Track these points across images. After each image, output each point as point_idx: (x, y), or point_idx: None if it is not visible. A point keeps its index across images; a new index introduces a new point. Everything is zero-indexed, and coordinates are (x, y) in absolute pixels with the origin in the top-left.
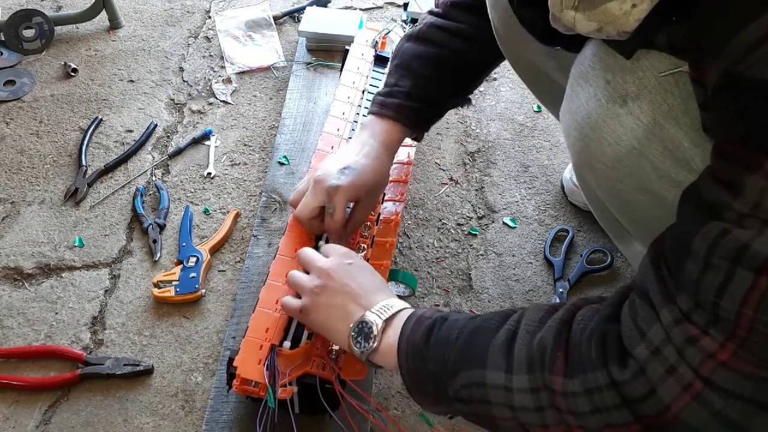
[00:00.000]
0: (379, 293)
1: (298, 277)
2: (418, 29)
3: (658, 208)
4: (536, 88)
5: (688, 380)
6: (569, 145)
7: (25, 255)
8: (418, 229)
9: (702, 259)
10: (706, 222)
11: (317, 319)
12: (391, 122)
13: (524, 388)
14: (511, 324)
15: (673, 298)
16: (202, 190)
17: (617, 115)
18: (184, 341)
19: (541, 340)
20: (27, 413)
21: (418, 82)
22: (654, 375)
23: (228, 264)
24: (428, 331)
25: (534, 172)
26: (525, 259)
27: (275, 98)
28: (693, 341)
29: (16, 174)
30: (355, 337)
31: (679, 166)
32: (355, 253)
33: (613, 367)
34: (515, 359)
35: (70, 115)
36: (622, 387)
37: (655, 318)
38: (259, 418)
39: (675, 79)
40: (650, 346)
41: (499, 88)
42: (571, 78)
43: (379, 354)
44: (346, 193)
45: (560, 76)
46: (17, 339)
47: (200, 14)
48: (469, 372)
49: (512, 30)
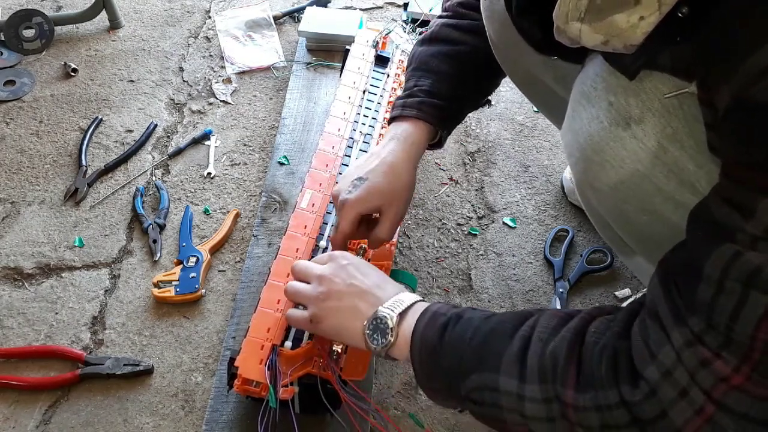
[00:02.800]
0: (385, 287)
1: (299, 287)
2: (430, 32)
3: (661, 227)
4: (534, 97)
5: (700, 403)
6: (571, 164)
7: (25, 255)
8: (418, 229)
9: (715, 282)
10: (718, 244)
11: (330, 325)
12: (414, 121)
13: (536, 397)
14: (525, 329)
15: (685, 320)
16: (202, 190)
17: (620, 139)
18: (184, 341)
19: (553, 351)
20: (27, 413)
21: (437, 78)
22: (665, 397)
23: (228, 264)
24: (443, 329)
25: (534, 172)
26: (525, 259)
27: (275, 98)
28: (705, 364)
29: (16, 174)
30: (371, 334)
31: (683, 187)
32: (347, 252)
33: (624, 387)
34: (528, 368)
35: (70, 115)
36: (633, 407)
37: (665, 339)
38: (261, 418)
39: (679, 101)
40: (661, 368)
41: (499, 88)
42: (573, 97)
43: (396, 348)
44: (354, 208)
45: (558, 87)
46: (17, 339)
47: (200, 14)
48: (483, 375)
49: (509, 40)
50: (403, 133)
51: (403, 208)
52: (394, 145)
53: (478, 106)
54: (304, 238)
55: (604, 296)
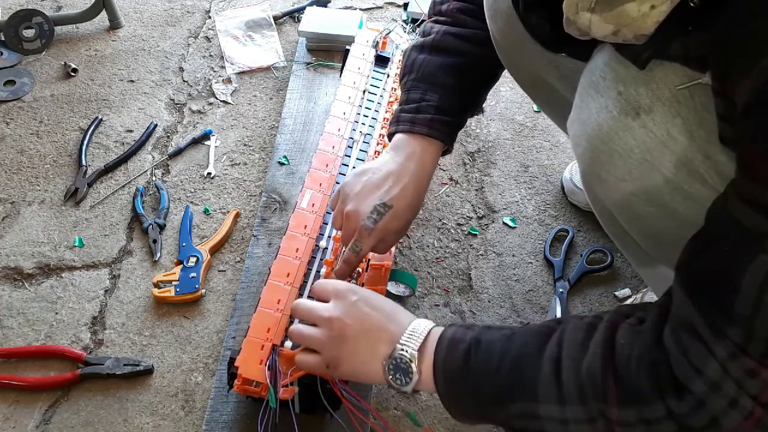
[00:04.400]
0: (397, 319)
1: (308, 333)
2: (432, 39)
3: (668, 220)
4: (537, 97)
5: (750, 409)
6: (578, 155)
7: (25, 255)
8: (418, 229)
9: (754, 298)
10: (751, 256)
11: (348, 369)
12: (427, 139)
13: (580, 419)
14: (552, 349)
15: (725, 332)
16: (202, 190)
17: (629, 128)
18: (184, 341)
19: (589, 369)
20: (27, 413)
21: (445, 93)
22: (715, 408)
23: (228, 264)
24: (465, 357)
25: (534, 172)
26: (525, 259)
27: (275, 98)
28: (752, 374)
29: (16, 174)
30: (394, 374)
31: (692, 178)
32: (353, 285)
33: (671, 400)
34: (565, 390)
35: (70, 115)
36: (681, 418)
37: (708, 354)
38: (261, 418)
39: (690, 91)
40: (708, 382)
41: (499, 88)
42: (581, 87)
43: (421, 382)
44: (379, 237)
45: (562, 86)
46: (17, 339)
47: (200, 14)
48: (521, 404)
49: (513, 40)
50: (420, 154)
51: (408, 227)
52: (414, 167)
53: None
54: (304, 238)
55: (604, 296)
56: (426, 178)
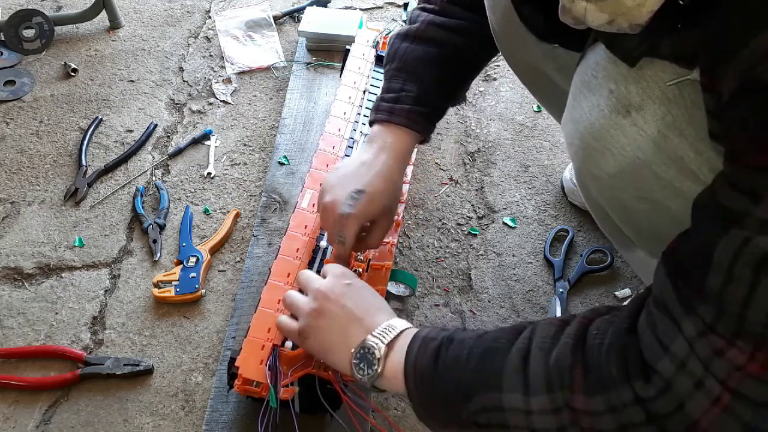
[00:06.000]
0: (380, 314)
1: (295, 298)
2: (416, 28)
3: (660, 217)
4: (535, 89)
5: (717, 394)
6: (571, 154)
7: (25, 255)
8: (418, 229)
9: (725, 269)
10: (726, 230)
11: (315, 344)
12: (403, 130)
13: (544, 409)
14: (522, 342)
15: (695, 309)
16: (202, 190)
17: (621, 126)
18: (184, 341)
19: (557, 358)
20: (27, 413)
21: (425, 85)
22: (681, 390)
23: (228, 264)
24: (436, 353)
25: (534, 172)
26: (525, 259)
27: (275, 98)
28: (719, 353)
29: (16, 174)
30: (357, 363)
31: (683, 175)
32: (353, 273)
33: (637, 383)
34: (531, 380)
35: (70, 115)
36: (648, 403)
37: (676, 330)
38: (261, 418)
39: (680, 88)
40: (675, 360)
41: (499, 88)
42: (574, 86)
43: (385, 379)
44: (358, 221)
45: (559, 77)
46: (17, 339)
47: (200, 14)
48: (485, 395)
49: (511, 30)
50: (393, 144)
51: (392, 217)
52: (386, 157)
53: (458, 104)
54: (305, 238)
55: (604, 296)
56: (399, 166)
